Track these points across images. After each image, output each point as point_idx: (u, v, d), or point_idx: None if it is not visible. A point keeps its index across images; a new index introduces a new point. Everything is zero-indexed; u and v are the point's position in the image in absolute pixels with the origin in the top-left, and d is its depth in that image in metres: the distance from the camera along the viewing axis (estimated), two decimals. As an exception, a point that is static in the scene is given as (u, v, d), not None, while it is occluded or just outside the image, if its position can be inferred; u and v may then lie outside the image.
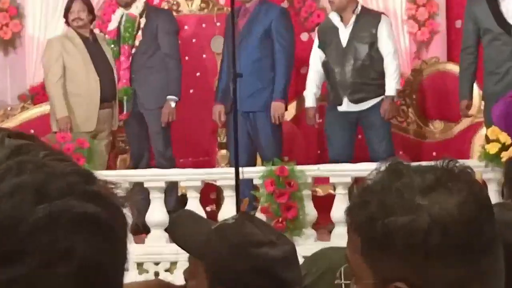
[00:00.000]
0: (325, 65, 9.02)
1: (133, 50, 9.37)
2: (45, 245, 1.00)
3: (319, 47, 9.10)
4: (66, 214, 1.00)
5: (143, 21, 9.40)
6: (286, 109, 9.36)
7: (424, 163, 1.89)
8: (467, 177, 1.79)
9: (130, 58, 9.35)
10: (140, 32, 9.40)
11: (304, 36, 9.96)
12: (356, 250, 1.79)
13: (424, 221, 1.71)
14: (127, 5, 9.37)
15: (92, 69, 9.22)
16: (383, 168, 1.80)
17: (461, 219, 1.72)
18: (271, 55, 9.20)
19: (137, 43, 9.38)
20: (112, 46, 9.51)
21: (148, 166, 8.85)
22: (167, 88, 9.31)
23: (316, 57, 9.16)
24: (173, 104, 9.33)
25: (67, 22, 9.24)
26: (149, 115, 9.31)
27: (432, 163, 1.82)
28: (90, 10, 9.33)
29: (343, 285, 2.09)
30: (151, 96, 9.28)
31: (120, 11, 9.51)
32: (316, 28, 9.59)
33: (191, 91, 9.88)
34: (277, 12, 9.35)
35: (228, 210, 7.42)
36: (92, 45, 9.36)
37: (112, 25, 9.69)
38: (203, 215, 6.04)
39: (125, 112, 9.33)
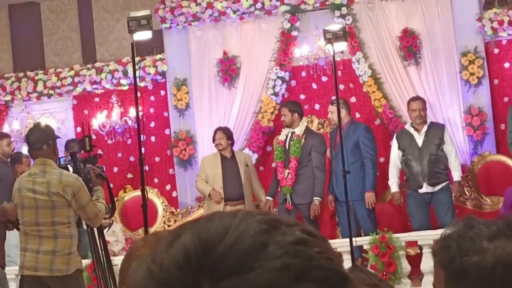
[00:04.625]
0: (405, 161, 9.73)
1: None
2: None
3: (398, 148, 9.79)
4: None
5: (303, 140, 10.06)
6: (376, 197, 9.95)
7: (488, 220, 1.99)
8: None
9: (296, 167, 9.96)
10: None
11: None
12: (440, 281, 1.93)
13: (490, 260, 1.85)
14: (291, 126, 10.11)
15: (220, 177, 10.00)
16: (459, 222, 1.97)
17: None
18: (360, 160, 9.83)
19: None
20: (279, 149, 10.11)
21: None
22: (313, 190, 9.94)
23: (396, 155, 9.84)
24: (317, 202, 9.87)
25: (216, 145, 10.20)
26: (301, 207, 9.94)
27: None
28: (229, 137, 10.22)
29: None
30: (303, 194, 9.93)
31: (287, 129, 10.20)
32: (394, 136, 10.14)
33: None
34: (362, 129, 10.02)
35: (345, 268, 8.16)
36: (227, 161, 10.14)
37: (281, 137, 10.23)
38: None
39: (288, 203, 9.92)
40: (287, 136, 10.17)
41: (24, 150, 11.34)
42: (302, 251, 0.99)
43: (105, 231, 10.26)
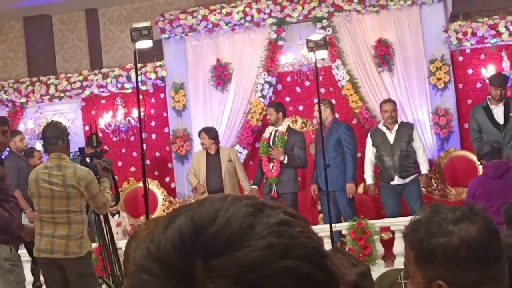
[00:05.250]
0: (378, 157, 9.69)
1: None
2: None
3: (372, 145, 9.76)
4: (296, 271, 0.94)
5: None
6: (356, 187, 9.97)
7: (453, 206, 2.00)
8: (482, 213, 1.94)
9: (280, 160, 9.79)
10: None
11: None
12: (410, 261, 1.94)
13: (455, 241, 1.87)
14: (275, 125, 10.02)
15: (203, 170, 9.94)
16: (427, 208, 1.96)
17: (479, 240, 1.87)
18: (342, 154, 9.76)
19: (284, 161, 9.77)
20: (264, 146, 10.03)
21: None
22: (296, 179, 9.96)
23: (370, 152, 9.82)
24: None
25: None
26: (284, 196, 9.75)
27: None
28: (213, 137, 10.10)
29: (403, 283, 2.24)
30: (286, 184, 9.83)
31: (271, 128, 10.12)
32: (369, 134, 10.08)
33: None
34: (344, 127, 9.97)
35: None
36: (211, 157, 10.09)
37: (266, 134, 10.17)
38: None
39: (273, 192, 9.82)
40: (271, 133, 10.12)
41: (37, 145, 11.45)
42: (285, 231, 0.98)
43: (115, 217, 10.44)
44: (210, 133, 10.18)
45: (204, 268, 0.94)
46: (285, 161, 9.89)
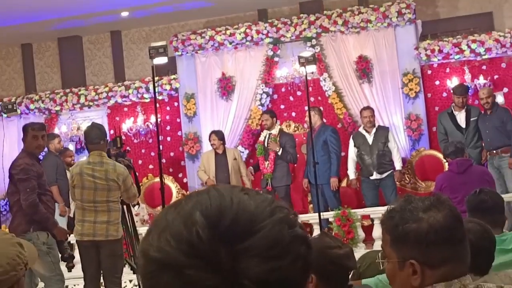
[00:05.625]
0: (359, 155, 9.65)
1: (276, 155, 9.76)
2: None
3: (354, 146, 9.73)
4: (303, 237, 0.94)
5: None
6: (340, 181, 9.85)
7: (422, 197, 1.95)
8: (448, 202, 1.92)
9: (274, 159, 9.81)
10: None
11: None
12: (387, 243, 1.92)
13: (424, 226, 1.85)
14: (270, 129, 9.92)
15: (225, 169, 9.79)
16: (401, 199, 1.95)
17: (445, 225, 1.85)
18: (328, 153, 9.67)
19: (279, 152, 9.78)
20: (260, 147, 9.91)
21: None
22: (288, 174, 9.78)
23: (352, 151, 9.76)
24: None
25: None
26: (278, 189, 9.66)
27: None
28: (221, 138, 10.00)
29: (380, 262, 2.18)
30: (279, 179, 9.69)
31: (265, 132, 10.01)
32: (351, 136, 10.06)
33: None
34: (330, 130, 9.88)
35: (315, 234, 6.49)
36: (219, 156, 9.97)
37: (261, 138, 10.15)
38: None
39: (268, 186, 9.74)
40: (265, 137, 10.06)
41: (70, 146, 11.47)
42: (281, 207, 0.97)
43: (135, 208, 10.39)
44: (219, 135, 10.11)
45: (230, 253, 0.90)
46: (280, 153, 9.78)
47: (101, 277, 6.53)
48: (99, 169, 6.36)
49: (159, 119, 8.81)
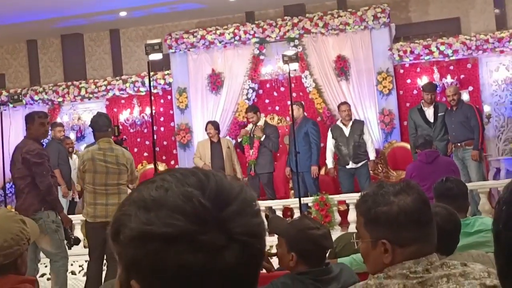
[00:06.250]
0: (337, 146, 9.62)
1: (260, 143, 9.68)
2: None
3: (332, 138, 9.68)
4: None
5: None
6: (319, 170, 9.82)
7: (393, 183, 1.95)
8: (417, 187, 1.90)
9: (258, 147, 9.72)
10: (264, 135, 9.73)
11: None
12: (361, 225, 1.91)
13: (395, 209, 1.84)
14: (255, 123, 9.83)
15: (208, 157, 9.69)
16: (374, 184, 1.94)
17: (414, 208, 1.83)
18: (309, 144, 9.61)
19: (262, 139, 9.69)
20: (246, 137, 9.82)
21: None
22: (271, 162, 9.73)
23: (331, 143, 9.72)
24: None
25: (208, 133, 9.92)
26: (261, 176, 9.64)
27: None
28: (216, 127, 9.84)
29: (355, 243, 2.11)
30: (263, 166, 9.73)
31: (251, 125, 9.89)
32: (329, 129, 9.94)
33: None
34: (311, 123, 9.82)
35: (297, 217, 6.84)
36: (214, 144, 9.87)
37: (248, 128, 9.95)
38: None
39: (252, 172, 9.66)
40: (251, 128, 9.95)
41: (71, 135, 11.40)
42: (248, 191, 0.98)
43: (128, 192, 10.29)
44: (215, 125, 10.02)
45: (224, 216, 0.92)
46: (263, 139, 9.69)
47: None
48: (110, 154, 6.29)
49: (153, 111, 8.73)
